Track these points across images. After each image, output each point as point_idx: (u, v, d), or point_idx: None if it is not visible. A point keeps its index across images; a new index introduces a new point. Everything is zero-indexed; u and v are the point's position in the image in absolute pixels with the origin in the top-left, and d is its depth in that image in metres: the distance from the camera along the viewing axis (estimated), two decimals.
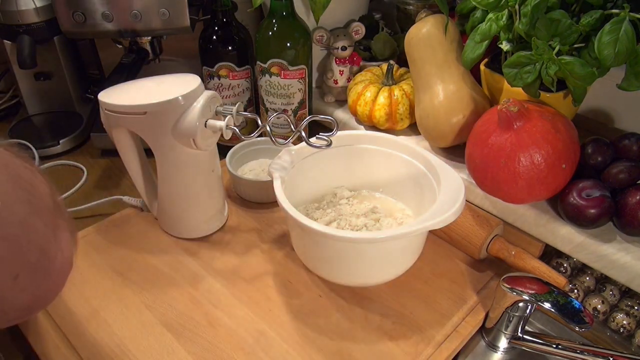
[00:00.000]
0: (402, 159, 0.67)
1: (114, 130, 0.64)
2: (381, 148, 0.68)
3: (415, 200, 0.68)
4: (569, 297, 0.53)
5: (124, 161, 0.68)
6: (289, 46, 0.74)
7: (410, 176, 0.67)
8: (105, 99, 0.62)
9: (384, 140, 0.68)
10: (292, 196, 0.59)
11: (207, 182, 0.67)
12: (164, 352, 0.56)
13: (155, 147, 0.63)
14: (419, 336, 0.57)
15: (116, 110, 0.61)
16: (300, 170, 0.66)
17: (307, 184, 0.68)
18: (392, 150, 0.68)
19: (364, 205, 0.70)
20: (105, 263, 0.67)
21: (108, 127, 0.65)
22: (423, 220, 0.54)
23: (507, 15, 0.60)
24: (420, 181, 0.65)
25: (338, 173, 0.71)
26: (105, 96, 0.62)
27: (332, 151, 0.65)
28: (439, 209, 0.55)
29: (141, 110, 0.59)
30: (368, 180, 0.72)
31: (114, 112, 0.61)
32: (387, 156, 0.68)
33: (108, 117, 0.62)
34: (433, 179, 0.63)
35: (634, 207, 0.56)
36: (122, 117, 0.61)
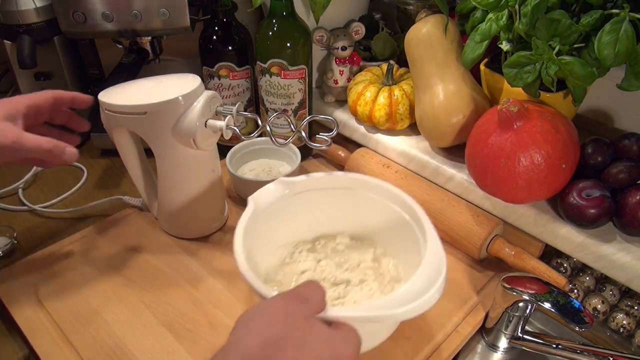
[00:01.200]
0: (392, 209, 0.60)
1: (114, 130, 0.64)
2: (376, 196, 0.61)
3: (405, 255, 0.61)
4: (569, 297, 0.53)
5: (124, 161, 0.68)
6: (289, 46, 0.74)
7: (398, 228, 0.60)
8: (105, 99, 0.62)
9: (381, 189, 0.61)
10: (274, 231, 0.58)
11: (207, 182, 0.67)
12: (164, 352, 0.56)
13: (155, 147, 0.63)
14: (418, 336, 0.57)
15: (116, 111, 0.61)
16: (285, 208, 0.60)
17: (293, 222, 0.63)
18: (384, 199, 0.61)
19: (348, 261, 0.63)
20: (105, 263, 0.67)
21: (108, 127, 0.65)
22: (385, 307, 0.45)
23: (507, 15, 0.60)
24: (407, 234, 0.58)
25: (322, 218, 0.64)
26: (105, 96, 0.62)
27: (328, 192, 0.61)
28: (414, 289, 0.46)
29: (141, 110, 0.59)
30: (361, 227, 0.65)
31: (114, 112, 0.61)
32: (380, 205, 0.61)
33: (108, 117, 0.62)
34: (420, 236, 0.56)
35: (634, 207, 0.56)
36: (122, 117, 0.61)
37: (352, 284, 0.59)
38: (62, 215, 0.77)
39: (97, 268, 0.66)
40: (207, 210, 0.70)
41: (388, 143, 0.78)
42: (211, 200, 0.70)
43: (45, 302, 0.61)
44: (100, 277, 0.65)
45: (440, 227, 0.69)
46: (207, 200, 0.69)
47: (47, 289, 0.63)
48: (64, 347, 0.56)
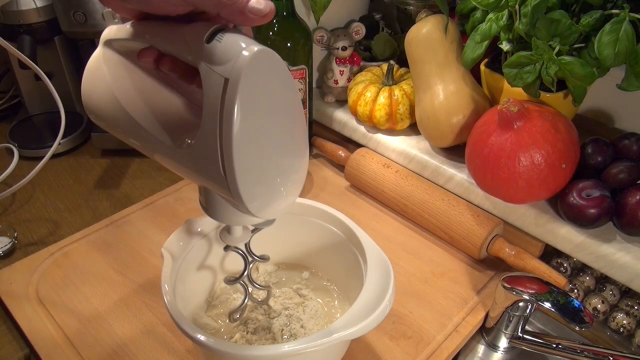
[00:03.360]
0: (326, 228, 0.58)
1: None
2: (305, 217, 0.59)
3: (342, 281, 0.60)
4: (569, 297, 0.53)
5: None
6: (289, 46, 0.74)
7: (334, 249, 0.58)
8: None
9: (310, 209, 0.59)
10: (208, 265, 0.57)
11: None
12: (165, 351, 0.56)
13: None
14: (419, 336, 0.58)
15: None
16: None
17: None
18: (315, 219, 0.59)
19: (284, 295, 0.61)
20: (105, 263, 0.67)
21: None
22: (327, 332, 0.44)
23: (507, 16, 0.60)
24: (344, 254, 0.57)
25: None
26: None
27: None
28: (358, 312, 0.46)
29: None
30: (293, 254, 0.63)
31: None
32: (311, 226, 0.59)
33: None
34: (359, 255, 0.54)
35: (634, 207, 0.56)
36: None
37: (291, 309, 0.59)
38: (62, 215, 0.77)
39: (98, 268, 0.66)
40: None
41: (388, 143, 0.78)
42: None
43: (46, 302, 0.61)
44: (100, 277, 0.65)
45: (440, 227, 0.69)
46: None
47: (48, 289, 0.63)
48: (64, 347, 0.56)
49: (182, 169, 0.42)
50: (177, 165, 0.42)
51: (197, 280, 0.58)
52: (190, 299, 0.57)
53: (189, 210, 0.76)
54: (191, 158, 0.39)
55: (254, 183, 0.38)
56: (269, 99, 0.38)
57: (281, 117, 0.39)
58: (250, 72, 0.34)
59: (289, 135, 0.41)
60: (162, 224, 0.73)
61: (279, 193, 0.41)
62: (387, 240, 0.71)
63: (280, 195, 0.42)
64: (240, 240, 0.49)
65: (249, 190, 0.37)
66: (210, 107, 0.35)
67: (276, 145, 0.39)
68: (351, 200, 0.79)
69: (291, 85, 0.40)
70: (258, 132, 0.37)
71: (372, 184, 0.76)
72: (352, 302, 0.47)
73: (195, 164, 0.39)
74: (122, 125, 0.44)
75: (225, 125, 0.35)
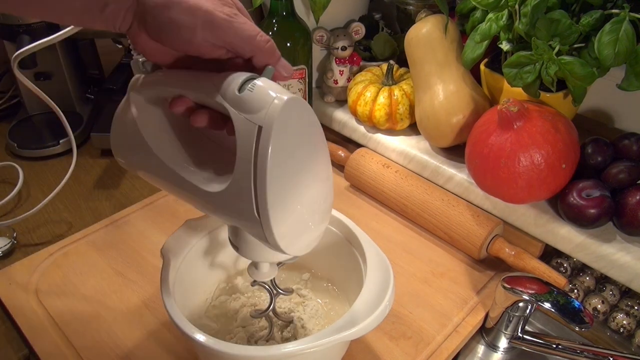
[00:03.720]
0: (326, 228, 0.57)
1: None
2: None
3: (342, 281, 0.60)
4: (569, 297, 0.53)
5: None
6: (289, 46, 0.74)
7: (333, 249, 0.58)
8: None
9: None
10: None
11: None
12: (164, 352, 0.56)
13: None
14: (419, 336, 0.57)
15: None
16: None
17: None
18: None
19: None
20: (105, 263, 0.67)
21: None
22: (327, 333, 0.44)
23: (507, 15, 0.60)
24: (344, 255, 0.57)
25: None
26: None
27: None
28: (358, 313, 0.46)
29: None
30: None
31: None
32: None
33: None
34: (359, 256, 0.55)
35: (634, 207, 0.56)
36: None
37: (293, 309, 0.59)
38: (62, 215, 0.76)
39: (98, 268, 0.66)
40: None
41: (388, 143, 0.78)
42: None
43: (45, 302, 0.61)
44: (100, 277, 0.65)
45: (440, 227, 0.69)
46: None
47: (47, 289, 0.63)
48: (63, 347, 0.56)
49: (214, 211, 0.44)
50: (210, 207, 0.44)
51: (197, 281, 0.58)
52: (189, 299, 0.57)
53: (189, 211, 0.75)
54: (224, 201, 0.41)
55: (286, 222, 0.40)
56: (298, 141, 0.40)
57: (309, 155, 0.42)
58: (283, 119, 0.37)
59: (316, 171, 0.43)
60: (162, 224, 0.73)
61: (308, 228, 0.43)
62: (387, 240, 0.71)
63: (310, 231, 0.43)
64: (268, 276, 0.51)
65: (282, 230, 0.39)
66: (244, 152, 0.37)
67: (305, 184, 0.41)
68: (351, 200, 0.79)
69: (316, 124, 0.42)
70: (289, 173, 0.39)
71: (371, 184, 0.76)
72: (352, 302, 0.47)
73: (228, 207, 0.41)
74: (154, 170, 0.46)
75: (259, 169, 0.37)
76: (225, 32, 0.39)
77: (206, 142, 0.49)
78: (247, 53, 0.41)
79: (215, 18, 0.38)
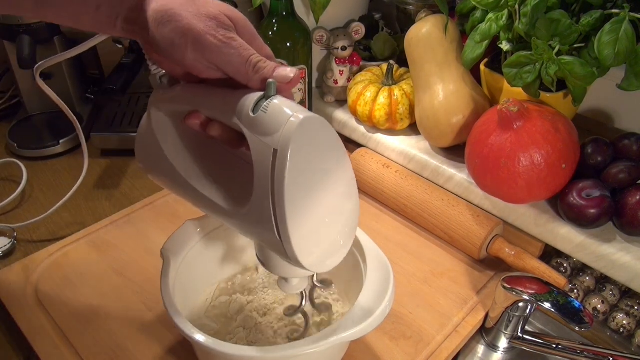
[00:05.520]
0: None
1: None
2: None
3: (342, 281, 0.59)
4: (569, 297, 0.53)
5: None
6: (289, 46, 0.74)
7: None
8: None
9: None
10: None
11: None
12: (164, 352, 0.56)
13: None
14: (419, 336, 0.57)
15: None
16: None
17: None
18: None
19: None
20: (105, 263, 0.67)
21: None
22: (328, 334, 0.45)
23: (507, 15, 0.60)
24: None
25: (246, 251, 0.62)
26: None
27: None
28: (357, 313, 0.46)
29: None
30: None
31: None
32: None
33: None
34: (359, 256, 0.54)
35: (634, 207, 0.56)
36: None
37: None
38: (62, 215, 0.76)
39: (98, 268, 0.66)
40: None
41: (388, 143, 0.78)
42: None
43: (45, 303, 0.61)
44: (100, 277, 0.65)
45: (440, 227, 0.69)
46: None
47: (47, 289, 0.63)
48: (63, 347, 0.56)
49: (237, 228, 0.43)
50: (233, 224, 0.43)
51: (197, 281, 0.58)
52: (189, 299, 0.57)
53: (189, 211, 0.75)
54: (245, 221, 0.41)
55: (309, 242, 0.39)
56: (318, 160, 0.39)
57: (330, 173, 0.40)
58: (298, 141, 0.36)
59: (338, 188, 0.42)
60: (162, 224, 0.73)
61: (334, 246, 0.42)
62: (386, 240, 0.71)
63: (335, 247, 0.43)
64: (298, 289, 0.50)
65: (305, 249, 0.38)
66: (261, 175, 0.37)
67: (327, 202, 0.40)
68: None
69: (335, 140, 0.41)
70: (309, 193, 0.38)
71: (372, 184, 0.76)
72: (352, 302, 0.47)
73: (250, 227, 0.41)
74: (177, 185, 0.46)
75: (277, 193, 0.36)
76: (215, 56, 0.38)
77: (228, 156, 0.48)
78: (241, 80, 0.39)
79: (205, 42, 0.38)
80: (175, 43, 0.38)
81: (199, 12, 0.38)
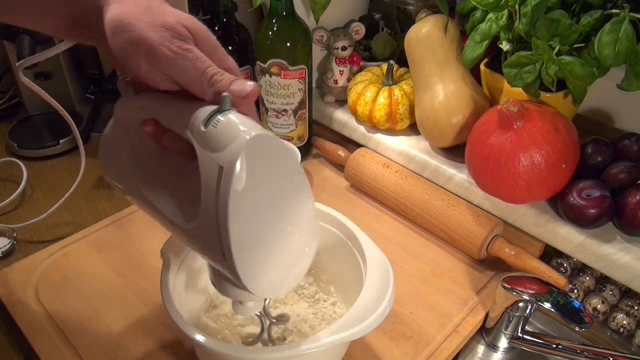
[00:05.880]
0: (326, 229, 0.57)
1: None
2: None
3: (342, 281, 0.59)
4: (569, 297, 0.53)
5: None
6: (289, 46, 0.74)
7: (333, 250, 0.58)
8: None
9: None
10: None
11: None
12: (164, 352, 0.56)
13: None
14: (418, 336, 0.57)
15: None
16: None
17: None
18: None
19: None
20: (105, 263, 0.67)
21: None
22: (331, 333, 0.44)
23: (507, 15, 0.60)
24: (344, 255, 0.56)
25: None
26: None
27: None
28: (359, 312, 0.46)
29: None
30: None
31: None
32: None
33: None
34: (359, 256, 0.54)
35: (634, 207, 0.56)
36: None
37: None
38: (62, 215, 0.76)
39: (98, 268, 0.66)
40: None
41: (388, 143, 0.78)
42: None
43: (45, 303, 0.61)
44: (100, 277, 0.65)
45: (440, 227, 0.69)
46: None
47: (47, 289, 0.63)
48: (63, 347, 0.56)
49: (189, 245, 0.42)
50: (185, 242, 0.42)
51: (197, 281, 0.58)
52: (189, 299, 0.56)
53: None
54: (194, 238, 0.39)
55: (256, 266, 0.37)
56: (268, 182, 0.37)
57: (283, 197, 0.39)
58: (246, 159, 0.34)
59: (294, 212, 0.40)
60: None
61: (282, 271, 0.41)
62: (386, 240, 0.71)
63: (287, 273, 0.41)
64: (253, 311, 0.48)
65: (251, 273, 0.37)
66: (207, 192, 0.35)
67: (279, 225, 0.39)
68: (351, 200, 0.79)
69: (292, 165, 0.39)
70: (257, 216, 0.37)
71: (371, 184, 0.76)
72: (352, 302, 0.47)
73: (198, 245, 0.39)
74: (135, 196, 0.45)
75: (221, 214, 0.34)
76: (169, 68, 0.37)
77: (188, 168, 0.46)
78: (196, 93, 0.38)
79: (159, 53, 0.36)
80: (129, 54, 0.37)
81: (154, 22, 0.36)
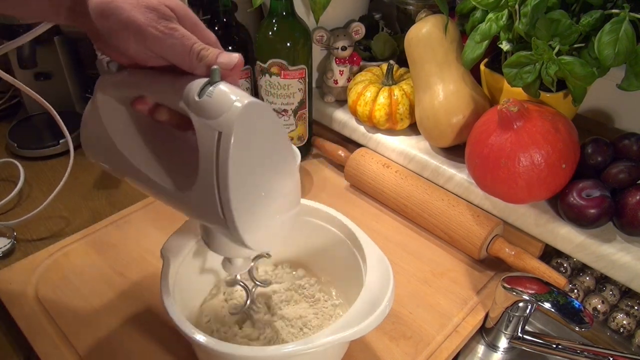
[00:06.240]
0: (326, 229, 0.59)
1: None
2: (305, 217, 0.59)
3: (342, 281, 0.60)
4: (569, 297, 0.53)
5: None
6: (289, 46, 0.74)
7: (333, 249, 0.58)
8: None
9: (309, 209, 0.59)
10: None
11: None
12: (164, 352, 0.56)
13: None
14: (418, 336, 0.57)
15: None
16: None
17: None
18: (315, 219, 0.59)
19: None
20: (105, 263, 0.67)
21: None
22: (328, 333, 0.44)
23: (507, 15, 0.60)
24: (344, 255, 0.57)
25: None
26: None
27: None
28: (357, 313, 0.46)
29: None
30: (293, 254, 0.64)
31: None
32: (311, 226, 0.60)
33: None
34: (359, 256, 0.55)
35: (634, 207, 0.56)
36: None
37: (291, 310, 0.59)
38: (62, 215, 0.76)
39: (98, 268, 0.66)
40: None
41: (388, 143, 0.78)
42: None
43: (45, 303, 0.61)
44: (100, 277, 0.65)
45: (440, 227, 0.69)
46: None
47: (47, 289, 0.63)
48: (63, 347, 0.56)
49: (183, 210, 0.45)
50: (179, 207, 0.45)
51: (197, 281, 0.58)
52: (189, 299, 0.57)
53: None
54: (191, 202, 0.42)
55: (252, 221, 0.41)
56: (260, 142, 0.41)
57: (272, 155, 0.43)
58: (242, 124, 0.38)
59: (279, 168, 0.44)
60: (162, 225, 0.73)
61: (274, 226, 0.45)
62: (386, 240, 0.71)
63: (276, 227, 0.45)
64: (242, 269, 0.52)
65: (248, 228, 0.40)
66: (206, 158, 0.38)
67: (269, 182, 0.42)
68: (351, 200, 0.79)
69: (277, 123, 0.44)
70: (252, 175, 0.40)
71: (371, 184, 0.76)
72: (352, 302, 0.47)
73: (195, 208, 0.43)
74: (124, 170, 0.47)
75: (221, 174, 0.38)
76: (158, 48, 0.39)
77: (175, 141, 0.49)
78: (186, 69, 0.41)
79: (147, 34, 0.38)
80: (118, 36, 0.39)
81: (138, 3, 0.39)
